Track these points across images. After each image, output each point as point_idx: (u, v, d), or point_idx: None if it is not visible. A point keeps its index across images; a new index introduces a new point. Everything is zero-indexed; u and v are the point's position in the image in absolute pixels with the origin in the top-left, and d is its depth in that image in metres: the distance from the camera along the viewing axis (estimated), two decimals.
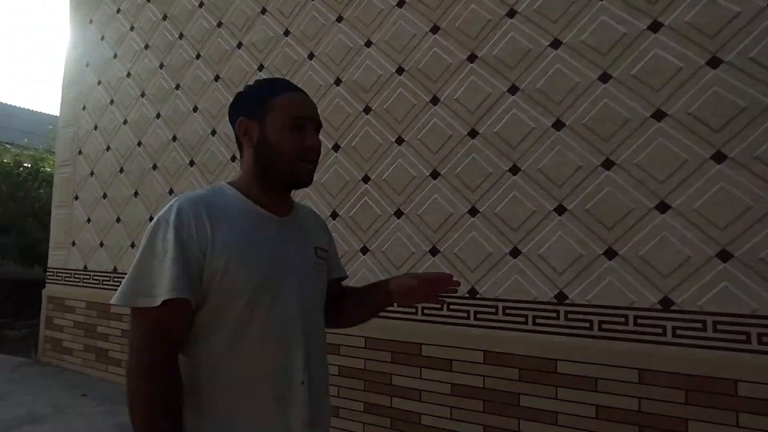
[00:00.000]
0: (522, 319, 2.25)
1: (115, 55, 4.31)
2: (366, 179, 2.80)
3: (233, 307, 0.90)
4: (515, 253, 2.29)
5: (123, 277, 3.19)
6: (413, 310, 2.56)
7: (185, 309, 0.86)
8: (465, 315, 2.40)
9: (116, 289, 2.69)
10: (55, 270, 4.52)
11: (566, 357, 2.12)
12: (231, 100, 3.27)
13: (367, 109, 2.85)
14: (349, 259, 2.79)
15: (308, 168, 0.98)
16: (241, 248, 0.90)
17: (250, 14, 3.43)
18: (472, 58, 2.51)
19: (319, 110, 3.12)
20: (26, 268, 6.46)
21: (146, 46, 4.07)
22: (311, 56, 3.11)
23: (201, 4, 3.74)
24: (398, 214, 2.67)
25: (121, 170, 4.10)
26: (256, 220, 0.97)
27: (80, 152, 4.49)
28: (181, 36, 3.83)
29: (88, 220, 4.30)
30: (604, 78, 2.16)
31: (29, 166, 6.46)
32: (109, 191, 4.17)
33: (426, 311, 2.53)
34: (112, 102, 4.27)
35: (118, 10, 4.35)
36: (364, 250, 2.75)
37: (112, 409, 3.19)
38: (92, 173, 4.34)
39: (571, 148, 2.21)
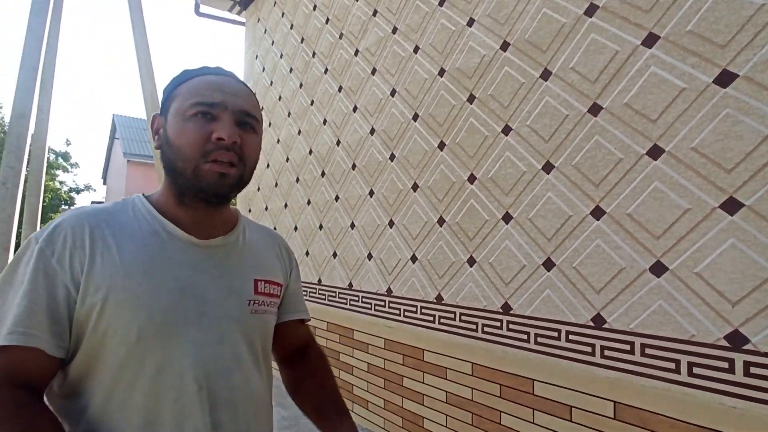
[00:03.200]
0: (671, 366, 1.57)
1: (271, 83, 4.86)
2: (472, 179, 2.42)
3: (109, 362, 0.67)
4: (659, 269, 1.62)
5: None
6: (524, 336, 2.08)
7: (35, 358, 0.64)
8: (588, 350, 1.82)
9: None
10: None
11: (746, 430, 1.38)
12: (351, 109, 3.27)
13: (471, 98, 2.46)
14: (456, 271, 2.45)
15: (215, 170, 0.72)
16: (129, 280, 0.68)
17: (364, 19, 3.40)
18: (591, 10, 1.90)
19: (425, 106, 2.80)
20: None
21: (290, 70, 4.47)
22: (416, 49, 2.87)
23: (327, 20, 3.90)
24: (506, 218, 2.21)
25: (276, 184, 4.59)
26: (165, 243, 0.74)
27: None
28: (313, 54, 4.07)
29: None
30: None
31: None
32: (269, 204, 4.72)
33: (540, 339, 2.02)
34: (269, 124, 4.83)
35: (273, 42, 4.91)
36: (471, 261, 2.37)
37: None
38: (258, 188, 4.99)
39: (750, 110, 1.44)
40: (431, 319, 2.58)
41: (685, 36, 1.60)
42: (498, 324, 2.21)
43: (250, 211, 5.16)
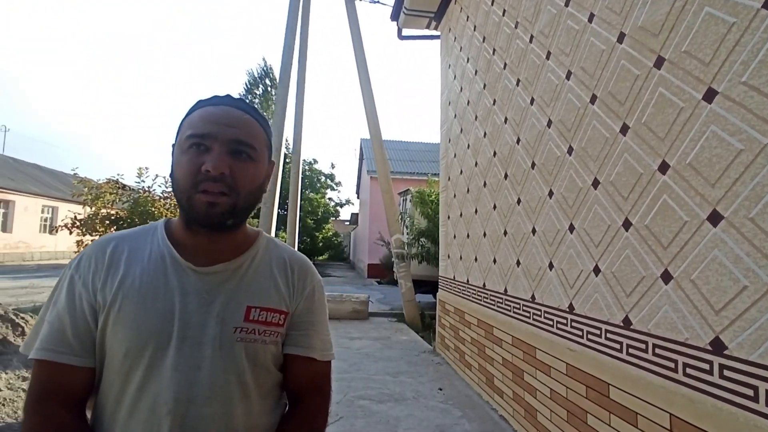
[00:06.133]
0: None
1: (461, 89, 4.85)
2: (663, 167, 1.83)
3: (107, 375, 0.76)
4: None
5: (473, 289, 3.57)
6: (749, 391, 1.43)
7: (63, 372, 0.74)
8: None
9: (467, 298, 3.26)
10: (442, 277, 5.51)
11: None
12: (529, 102, 3.11)
13: (659, 62, 1.87)
14: (647, 288, 1.89)
15: (204, 201, 0.74)
16: (126, 301, 0.76)
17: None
18: None
19: (603, 84, 2.45)
20: None
21: (475, 72, 4.36)
22: (591, 18, 2.38)
23: (504, 12, 3.64)
24: (714, 218, 1.58)
25: (468, 190, 4.53)
26: (167, 268, 0.79)
27: (449, 178, 5.30)
28: (493, 51, 3.86)
29: (454, 237, 4.99)
30: None
31: None
32: (463, 210, 4.69)
33: None
34: (461, 131, 4.82)
35: (461, 48, 4.89)
36: (666, 277, 1.79)
37: (448, 409, 3.52)
38: (454, 195, 5.02)
39: None
40: (617, 347, 2.06)
41: None
42: (706, 367, 1.59)
43: (449, 218, 5.25)
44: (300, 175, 7.26)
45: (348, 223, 32.21)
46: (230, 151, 0.77)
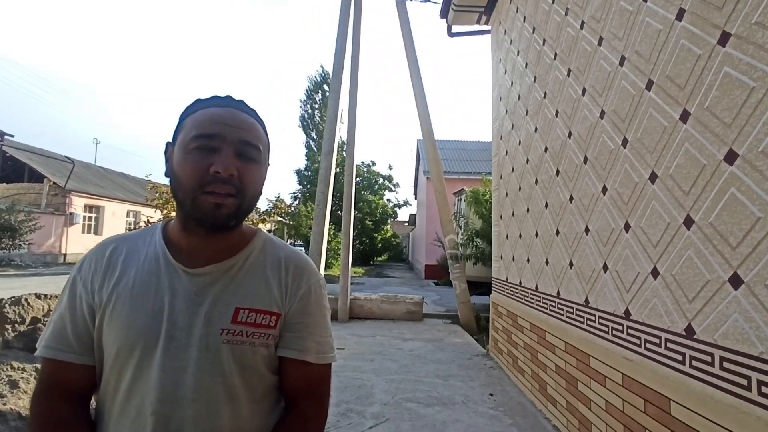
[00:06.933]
0: None
1: (512, 83, 4.65)
2: (731, 157, 1.62)
3: (107, 373, 0.78)
4: None
5: (526, 292, 3.48)
6: None
7: (66, 369, 0.77)
8: None
9: (520, 301, 3.24)
10: (494, 279, 5.31)
11: None
12: (580, 92, 2.96)
13: (724, 38, 1.66)
14: (713, 294, 1.68)
15: (211, 201, 0.73)
16: (119, 301, 0.77)
17: None
18: None
19: (660, 68, 2.27)
20: None
21: (525, 65, 4.16)
22: None
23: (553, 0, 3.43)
24: None
25: (519, 188, 4.33)
26: (160, 269, 0.80)
27: (501, 177, 5.11)
28: (543, 42, 3.66)
29: (506, 237, 4.80)
30: None
31: None
32: (515, 209, 4.50)
33: None
34: (512, 126, 4.62)
35: (511, 41, 4.70)
36: (736, 282, 1.58)
37: (498, 416, 3.38)
38: (506, 194, 4.83)
39: None
40: (679, 358, 1.85)
41: None
42: None
43: (501, 217, 5.05)
44: (354, 177, 7.33)
45: (406, 224, 32.21)
46: (237, 153, 0.76)
